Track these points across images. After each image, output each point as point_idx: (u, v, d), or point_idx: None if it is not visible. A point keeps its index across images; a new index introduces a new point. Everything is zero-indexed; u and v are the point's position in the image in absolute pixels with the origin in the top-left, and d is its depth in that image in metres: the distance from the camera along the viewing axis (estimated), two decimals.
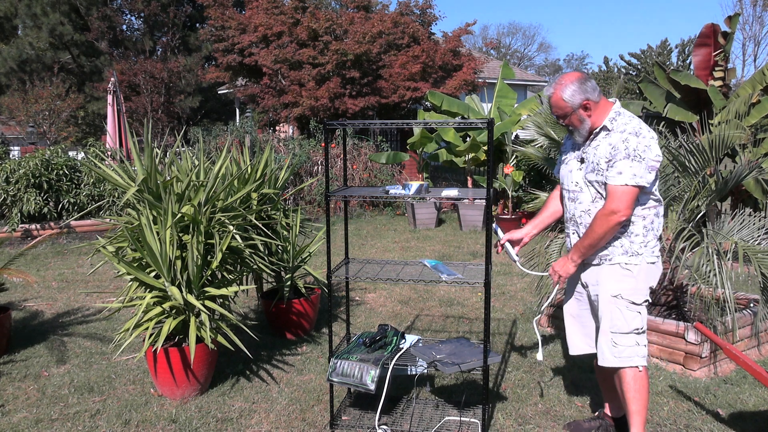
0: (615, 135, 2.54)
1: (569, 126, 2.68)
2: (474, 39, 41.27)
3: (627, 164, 2.48)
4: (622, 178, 2.49)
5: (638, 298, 2.62)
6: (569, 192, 2.75)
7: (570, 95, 2.58)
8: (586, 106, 2.59)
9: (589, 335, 2.86)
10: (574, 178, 2.72)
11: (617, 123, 2.58)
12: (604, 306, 2.65)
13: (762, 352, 4.06)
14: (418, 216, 9.76)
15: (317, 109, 13.05)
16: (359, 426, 3.07)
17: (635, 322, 2.62)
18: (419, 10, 14.51)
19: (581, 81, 2.59)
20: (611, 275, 2.64)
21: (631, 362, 2.61)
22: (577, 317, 2.88)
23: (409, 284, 5.87)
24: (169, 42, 20.77)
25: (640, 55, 29.98)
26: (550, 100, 2.66)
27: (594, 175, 2.60)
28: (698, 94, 7.62)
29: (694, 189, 4.09)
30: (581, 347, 2.90)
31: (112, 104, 9.76)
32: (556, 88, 2.62)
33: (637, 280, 2.62)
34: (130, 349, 4.16)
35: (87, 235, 8.63)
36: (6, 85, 19.48)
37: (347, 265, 3.30)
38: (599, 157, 2.57)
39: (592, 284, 2.72)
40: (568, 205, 2.78)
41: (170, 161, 3.80)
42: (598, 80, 30.92)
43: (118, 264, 3.35)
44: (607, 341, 2.65)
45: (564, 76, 2.63)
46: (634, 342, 2.62)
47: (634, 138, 2.50)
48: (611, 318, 2.63)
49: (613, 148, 2.52)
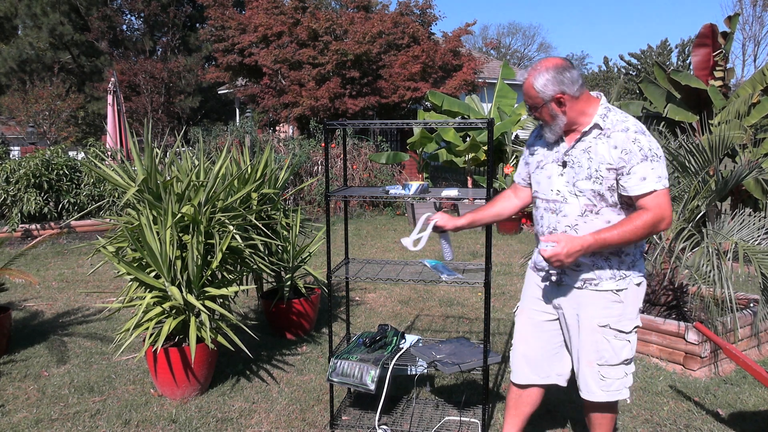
0: (618, 135, 2.18)
1: (539, 120, 2.32)
2: (474, 39, 41.28)
3: (648, 167, 2.13)
4: (648, 185, 2.13)
5: (628, 326, 2.31)
6: (547, 202, 2.36)
7: (542, 85, 2.20)
8: (560, 101, 2.20)
9: (539, 363, 2.51)
10: (554, 185, 2.32)
11: (610, 121, 2.22)
12: (589, 336, 2.32)
13: (762, 352, 4.06)
14: (418, 216, 9.76)
15: (317, 109, 13.05)
16: (359, 426, 3.07)
17: (624, 353, 2.32)
18: (419, 10, 14.52)
19: (558, 70, 2.19)
20: (597, 302, 2.30)
21: (620, 395, 2.36)
22: (531, 342, 2.51)
23: (409, 284, 5.87)
24: (169, 42, 20.77)
25: (640, 55, 29.99)
26: (522, 87, 2.30)
27: (590, 183, 2.21)
28: (698, 94, 7.63)
29: (694, 189, 4.09)
30: (530, 377, 2.53)
31: (112, 104, 9.76)
32: (529, 74, 2.24)
33: (626, 305, 2.30)
34: (130, 349, 4.16)
35: (87, 235, 8.63)
36: (6, 85, 19.49)
37: (347, 265, 3.30)
38: (597, 161, 2.20)
39: (571, 308, 2.37)
40: (544, 217, 2.38)
41: (170, 161, 3.80)
42: (598, 80, 30.92)
43: (118, 264, 3.35)
44: (593, 374, 2.35)
45: (541, 62, 2.25)
46: (623, 373, 2.34)
47: (643, 137, 2.16)
48: (597, 350, 2.32)
49: (622, 152, 2.15)
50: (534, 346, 2.51)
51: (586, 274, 2.31)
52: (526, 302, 2.56)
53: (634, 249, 2.31)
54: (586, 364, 2.36)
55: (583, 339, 2.34)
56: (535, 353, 2.51)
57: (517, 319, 2.59)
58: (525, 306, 2.56)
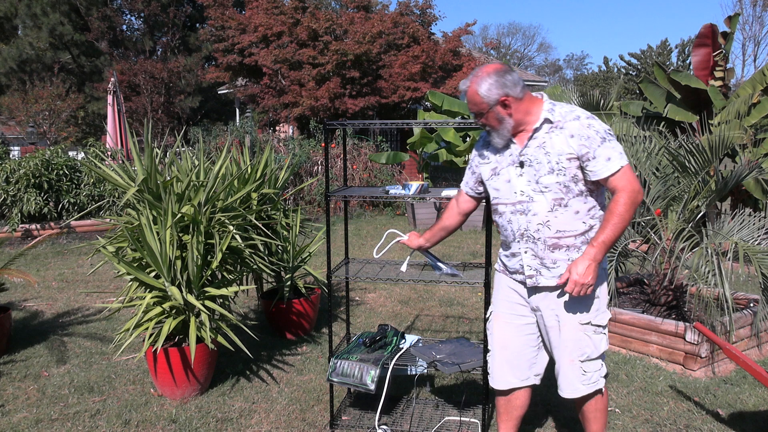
0: (571, 124, 2.23)
1: (486, 126, 2.35)
2: (474, 39, 41.28)
3: (609, 147, 2.20)
4: (614, 164, 2.20)
5: (604, 319, 2.39)
6: (512, 205, 2.36)
7: (486, 90, 2.24)
8: (505, 103, 2.25)
9: (519, 367, 2.53)
10: (516, 187, 2.33)
11: (559, 113, 2.27)
12: (571, 334, 2.36)
13: (762, 352, 4.06)
14: (418, 216, 9.76)
15: (317, 109, 13.05)
16: (359, 426, 3.07)
17: (603, 345, 2.40)
18: (419, 10, 14.52)
19: (500, 74, 2.24)
20: (576, 299, 2.33)
21: (598, 386, 2.41)
22: (510, 346, 2.52)
23: (409, 284, 5.87)
24: (169, 42, 20.77)
25: (640, 55, 30.01)
26: (466, 95, 2.33)
27: (554, 177, 2.24)
28: (698, 95, 7.62)
29: (694, 189, 4.09)
30: (510, 381, 2.54)
31: (112, 104, 9.76)
32: (471, 81, 2.28)
33: (601, 298, 2.38)
34: (130, 349, 4.16)
35: (87, 235, 8.63)
36: (6, 85, 19.49)
37: (347, 265, 3.30)
38: (555, 154, 2.24)
39: (549, 308, 2.39)
40: (514, 221, 2.37)
41: (170, 161, 3.80)
42: (598, 80, 30.93)
43: (118, 264, 3.35)
44: (576, 372, 2.39)
45: (481, 69, 2.29)
46: (600, 365, 2.42)
47: (595, 121, 2.24)
48: (580, 347, 2.36)
49: (580, 139, 2.21)
50: (515, 350, 2.52)
51: (563, 269, 2.32)
52: (500, 307, 2.56)
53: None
54: (568, 363, 2.39)
55: (565, 338, 2.37)
56: (516, 357, 2.53)
57: (493, 325, 2.59)
58: (500, 311, 2.56)
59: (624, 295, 4.69)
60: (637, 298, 4.55)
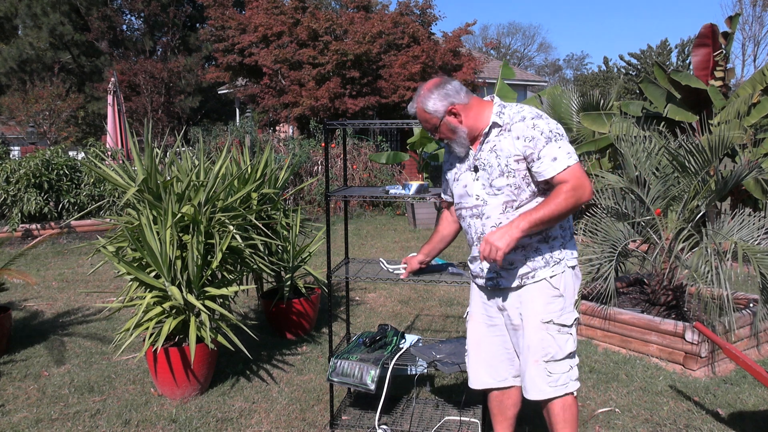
0: (517, 126, 2.24)
1: (443, 140, 2.39)
2: (474, 39, 41.29)
3: (555, 147, 2.19)
4: (560, 163, 2.18)
5: (569, 319, 2.35)
6: (470, 209, 2.39)
7: (432, 104, 2.30)
8: (453, 111, 2.30)
9: (494, 366, 2.54)
10: (472, 191, 2.37)
11: (507, 115, 2.29)
12: (533, 333, 2.34)
13: (761, 351, 4.07)
14: (418, 216, 9.76)
15: (317, 109, 13.06)
16: (359, 426, 3.07)
17: (569, 346, 2.34)
18: (419, 10, 14.53)
19: (439, 86, 2.31)
20: (538, 297, 2.33)
21: (567, 389, 2.35)
22: (484, 345, 2.54)
23: (409, 284, 5.87)
24: (169, 42, 20.78)
25: (640, 55, 30.01)
26: (417, 117, 2.40)
27: (504, 179, 2.27)
28: (698, 95, 7.62)
29: (693, 189, 4.09)
30: (486, 381, 2.56)
31: (112, 104, 9.76)
32: (417, 102, 2.34)
33: (566, 297, 2.35)
34: (130, 349, 4.17)
35: (87, 235, 8.63)
36: (6, 85, 19.51)
37: (347, 265, 3.30)
38: (504, 156, 2.26)
39: (514, 308, 2.39)
40: (472, 225, 2.40)
41: (170, 161, 3.80)
42: (598, 80, 30.94)
43: (118, 264, 3.35)
44: (540, 372, 2.34)
45: (421, 88, 2.36)
46: (567, 367, 2.35)
47: (541, 120, 2.23)
48: (543, 347, 2.33)
49: (525, 140, 2.22)
50: (488, 350, 2.54)
51: (522, 269, 2.34)
52: (474, 307, 2.59)
53: (561, 231, 2.35)
54: (533, 363, 2.36)
55: (528, 337, 2.36)
56: (491, 357, 2.54)
57: (469, 326, 2.61)
58: (474, 311, 2.59)
59: (624, 294, 4.69)
60: (637, 298, 4.55)
